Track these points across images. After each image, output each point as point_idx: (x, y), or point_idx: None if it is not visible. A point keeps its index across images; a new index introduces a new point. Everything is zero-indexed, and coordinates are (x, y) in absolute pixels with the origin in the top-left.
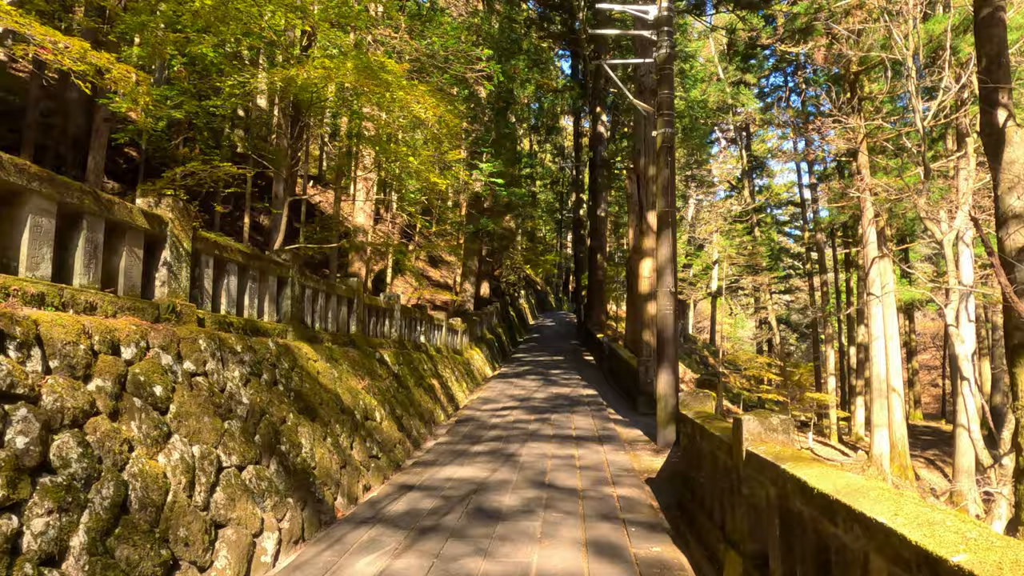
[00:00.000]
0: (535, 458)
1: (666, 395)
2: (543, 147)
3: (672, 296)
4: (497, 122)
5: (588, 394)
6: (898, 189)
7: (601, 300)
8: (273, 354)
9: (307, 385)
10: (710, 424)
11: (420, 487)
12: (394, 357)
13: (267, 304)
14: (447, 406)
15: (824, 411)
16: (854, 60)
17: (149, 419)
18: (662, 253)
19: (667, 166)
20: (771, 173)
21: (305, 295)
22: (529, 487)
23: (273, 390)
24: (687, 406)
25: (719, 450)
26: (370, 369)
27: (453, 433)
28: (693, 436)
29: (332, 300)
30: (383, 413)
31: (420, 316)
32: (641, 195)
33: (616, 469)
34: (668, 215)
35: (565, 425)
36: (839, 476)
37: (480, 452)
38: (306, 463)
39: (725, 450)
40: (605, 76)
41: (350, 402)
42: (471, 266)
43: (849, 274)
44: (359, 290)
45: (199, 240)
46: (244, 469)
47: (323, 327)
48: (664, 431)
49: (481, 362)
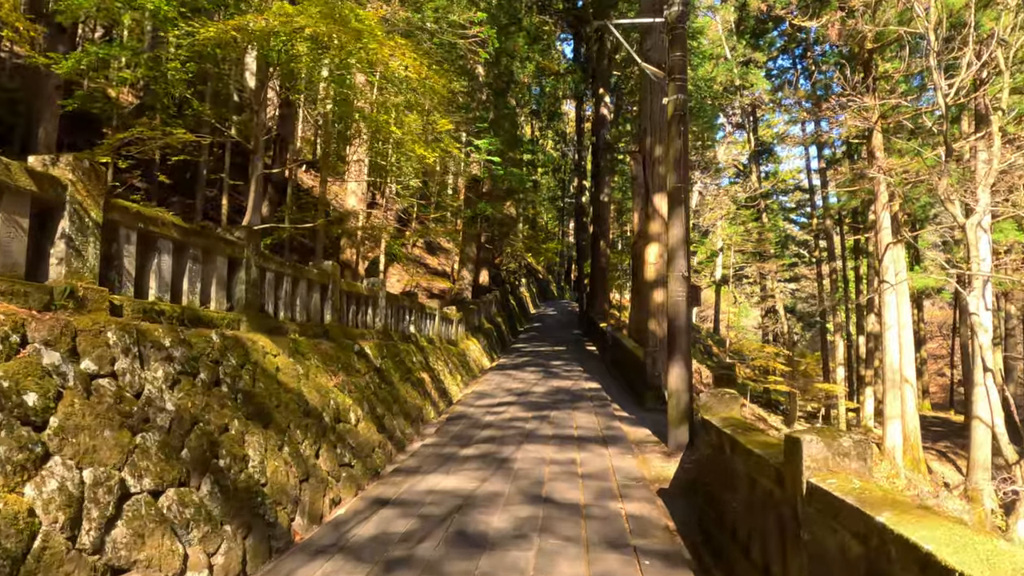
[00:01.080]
0: (532, 464)
1: (678, 391)
2: (545, 133)
3: (685, 281)
4: (496, 103)
5: (591, 388)
6: (914, 172)
7: (604, 288)
8: (217, 348)
9: (261, 384)
10: (746, 437)
11: (396, 502)
12: (377, 349)
13: (214, 289)
14: (438, 402)
15: (831, 402)
16: (869, 37)
17: (13, 438)
18: (674, 234)
19: (679, 137)
20: (777, 159)
21: (266, 279)
22: (523, 502)
23: (213, 392)
24: (709, 410)
25: (762, 474)
26: (346, 363)
27: (442, 433)
28: (720, 448)
29: (301, 285)
30: (360, 413)
31: (409, 304)
32: (647, 177)
33: (623, 477)
34: (680, 191)
35: (566, 423)
36: (992, 548)
37: (470, 456)
38: (253, 480)
39: (771, 476)
40: (609, 56)
41: (317, 402)
42: (469, 253)
43: (858, 262)
44: (334, 274)
45: (114, 210)
46: (162, 494)
47: (289, 316)
48: (676, 431)
49: (478, 353)
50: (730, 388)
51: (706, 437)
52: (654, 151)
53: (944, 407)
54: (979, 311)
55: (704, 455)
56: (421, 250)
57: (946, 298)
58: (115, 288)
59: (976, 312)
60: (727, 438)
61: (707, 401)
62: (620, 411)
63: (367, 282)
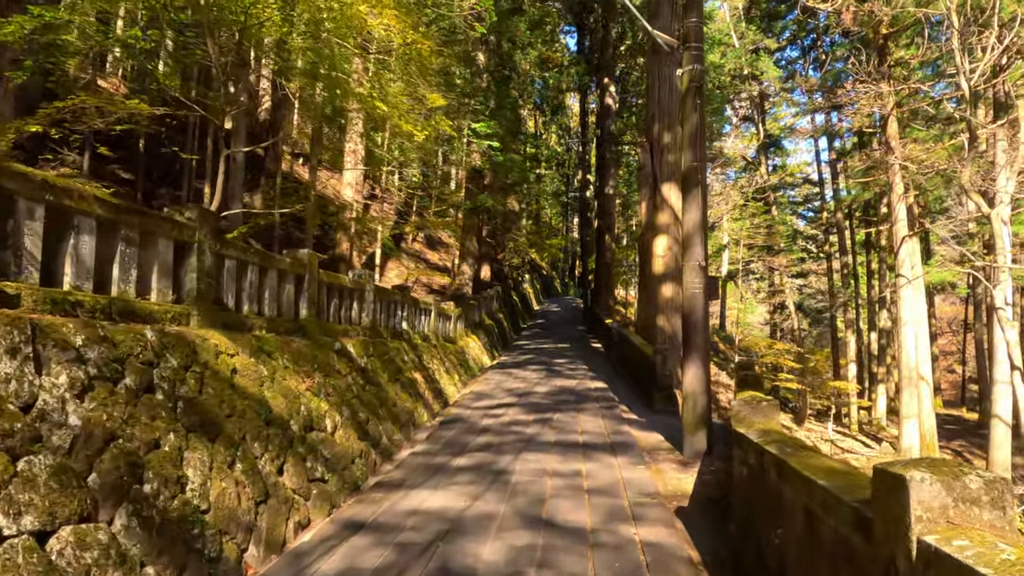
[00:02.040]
0: (531, 476)
1: (694, 393)
2: (548, 128)
3: (702, 271)
4: (498, 91)
5: (596, 387)
6: (930, 162)
7: (609, 284)
8: (152, 348)
9: (210, 390)
10: (800, 460)
11: (372, 525)
12: (362, 347)
13: (156, 278)
14: (433, 403)
15: (842, 400)
16: (885, 21)
17: None
18: (689, 219)
19: (695, 111)
20: (785, 152)
21: (225, 268)
22: (520, 525)
23: (142, 401)
24: (742, 420)
25: (830, 513)
26: (324, 363)
27: (435, 439)
28: (761, 469)
29: (270, 276)
30: (338, 419)
31: (401, 299)
32: (655, 165)
33: (636, 493)
34: (697, 171)
35: (570, 428)
36: None
37: (463, 468)
38: (191, 506)
39: (847, 519)
40: (613, 45)
41: (284, 409)
42: (470, 247)
43: (870, 256)
44: (311, 264)
45: (9, 176)
46: (52, 535)
47: (254, 310)
48: (692, 438)
49: (478, 351)
50: (755, 390)
51: (740, 453)
52: (662, 138)
53: (955, 404)
54: (1004, 305)
55: (738, 473)
56: (421, 245)
57: (962, 293)
58: (10, 274)
59: (1002, 307)
60: (771, 458)
61: (739, 410)
62: (628, 413)
63: (353, 274)
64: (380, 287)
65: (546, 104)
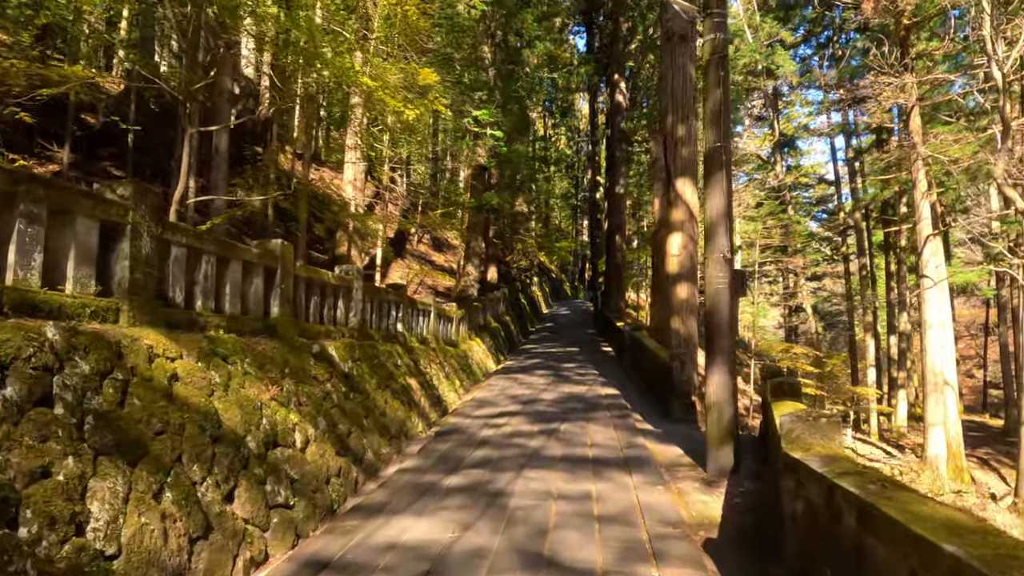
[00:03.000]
0: (533, 499)
1: (719, 402)
2: (557, 131)
3: (727, 264)
4: (504, 87)
5: (607, 394)
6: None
7: (620, 286)
8: (53, 350)
9: (136, 401)
10: (900, 506)
11: (338, 566)
12: (346, 351)
13: (73, 265)
14: (429, 412)
15: (861, 405)
16: (907, 12)
17: None
18: (712, 205)
19: (718, 85)
20: (800, 153)
21: (171, 257)
22: (517, 566)
23: (30, 418)
24: (797, 441)
25: None
26: (297, 369)
27: (427, 453)
28: (831, 512)
29: (232, 268)
30: (311, 433)
31: (396, 298)
32: (669, 159)
33: (656, 521)
34: (720, 152)
35: (578, 440)
36: None
37: (455, 488)
38: (89, 552)
39: None
40: (624, 40)
41: (239, 422)
42: (475, 247)
43: (889, 257)
44: (285, 256)
45: None
46: None
47: (209, 307)
48: (717, 453)
49: (482, 354)
50: (794, 401)
51: (792, 483)
52: (676, 131)
53: (975, 410)
54: None
55: (792, 509)
56: (427, 247)
57: (988, 294)
58: None
59: None
60: (849, 499)
61: (792, 428)
62: (643, 423)
63: (339, 269)
64: (371, 285)
65: (555, 106)
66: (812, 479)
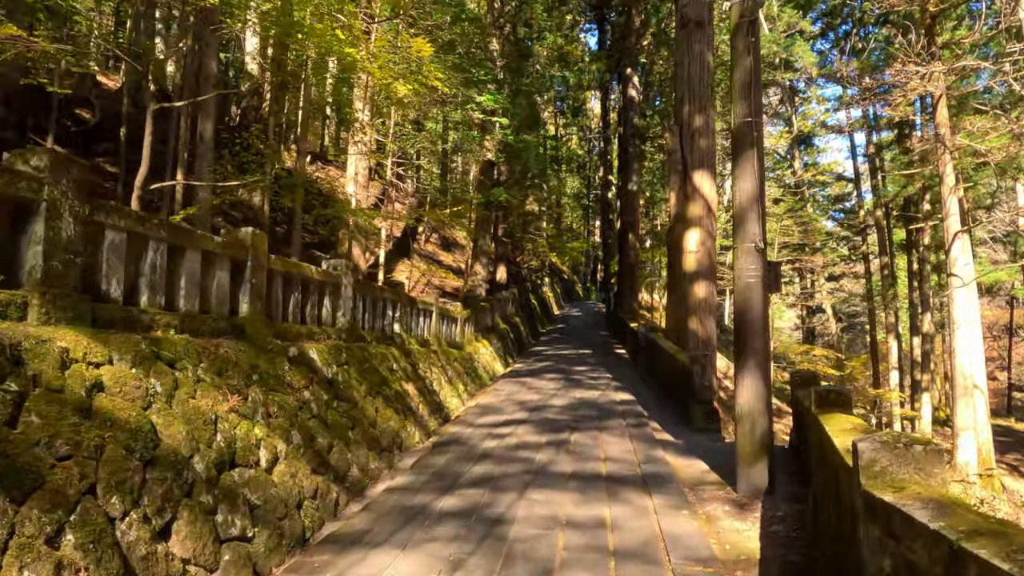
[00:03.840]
0: (537, 528)
1: (752, 413)
2: (569, 130)
3: (760, 255)
4: (513, 79)
5: (622, 399)
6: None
7: (633, 286)
8: None
9: (35, 419)
10: None
11: None
12: (331, 354)
13: None
14: (428, 420)
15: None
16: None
17: None
18: (743, 188)
19: (749, 52)
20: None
21: (105, 243)
22: None
23: None
24: (882, 475)
25: None
26: (267, 374)
27: (420, 469)
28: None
29: (189, 259)
30: (280, 449)
31: (392, 297)
32: (685, 151)
33: (683, 558)
34: (751, 128)
35: (591, 454)
36: None
37: (448, 513)
38: None
39: None
40: (636, 33)
41: (184, 440)
42: (483, 246)
43: (911, 256)
44: (257, 247)
45: None
46: None
47: (158, 303)
48: (749, 470)
49: (489, 357)
50: (843, 411)
51: (879, 535)
52: (693, 121)
53: (999, 414)
54: None
55: (876, 567)
56: (435, 246)
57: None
58: None
59: None
60: None
61: (876, 458)
62: (661, 432)
63: (327, 264)
64: (363, 282)
65: (567, 105)
66: (916, 535)
